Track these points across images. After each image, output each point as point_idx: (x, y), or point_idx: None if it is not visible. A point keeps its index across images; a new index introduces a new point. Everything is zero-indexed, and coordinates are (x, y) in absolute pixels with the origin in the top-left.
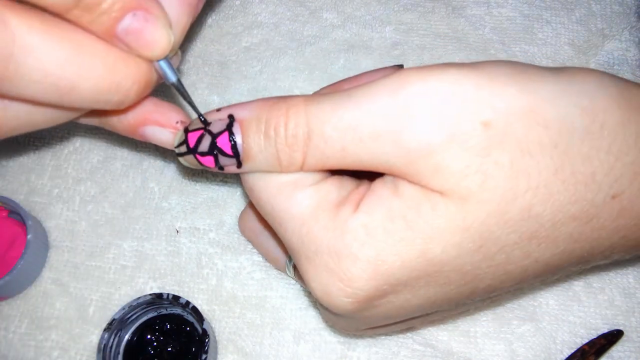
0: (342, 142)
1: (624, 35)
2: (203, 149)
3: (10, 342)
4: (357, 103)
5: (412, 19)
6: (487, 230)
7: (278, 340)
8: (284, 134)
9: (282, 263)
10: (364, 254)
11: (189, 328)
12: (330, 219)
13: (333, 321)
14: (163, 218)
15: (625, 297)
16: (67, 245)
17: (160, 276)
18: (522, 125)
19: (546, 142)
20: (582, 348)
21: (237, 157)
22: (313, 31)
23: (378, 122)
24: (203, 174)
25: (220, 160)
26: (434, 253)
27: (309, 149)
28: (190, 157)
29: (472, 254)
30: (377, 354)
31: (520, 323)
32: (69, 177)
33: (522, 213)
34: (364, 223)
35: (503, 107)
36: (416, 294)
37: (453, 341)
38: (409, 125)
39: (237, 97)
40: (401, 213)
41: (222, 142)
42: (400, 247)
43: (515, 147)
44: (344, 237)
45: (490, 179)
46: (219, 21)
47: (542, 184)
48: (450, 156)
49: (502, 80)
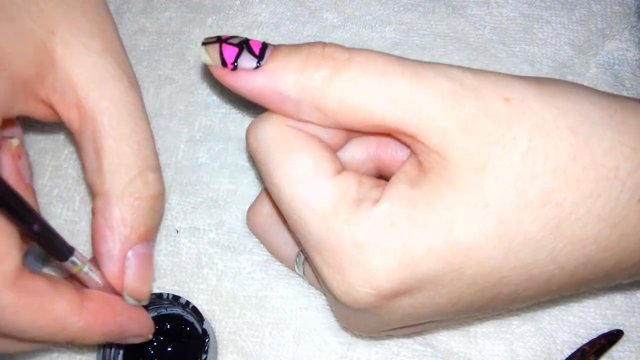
0: (380, 78)
1: (624, 35)
2: (232, 41)
3: None
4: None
5: (412, 19)
6: (506, 212)
7: (278, 340)
8: (322, 48)
9: (290, 260)
10: (390, 243)
11: (189, 328)
12: (352, 213)
13: (348, 320)
14: (163, 218)
15: (625, 297)
16: None
17: (160, 276)
18: (540, 106)
19: (564, 125)
20: (582, 348)
21: (260, 58)
22: (313, 31)
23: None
24: (203, 173)
25: (241, 58)
26: (458, 237)
27: (345, 68)
28: (214, 47)
29: (496, 244)
30: (377, 354)
31: (521, 323)
32: (69, 177)
33: (541, 197)
34: (387, 212)
35: (520, 87)
36: (440, 292)
37: (453, 341)
38: (439, 86)
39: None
40: (422, 197)
41: (254, 43)
42: (426, 233)
43: (534, 125)
44: (368, 228)
45: (508, 154)
46: (219, 21)
47: (560, 167)
48: (477, 121)
49: (513, 75)
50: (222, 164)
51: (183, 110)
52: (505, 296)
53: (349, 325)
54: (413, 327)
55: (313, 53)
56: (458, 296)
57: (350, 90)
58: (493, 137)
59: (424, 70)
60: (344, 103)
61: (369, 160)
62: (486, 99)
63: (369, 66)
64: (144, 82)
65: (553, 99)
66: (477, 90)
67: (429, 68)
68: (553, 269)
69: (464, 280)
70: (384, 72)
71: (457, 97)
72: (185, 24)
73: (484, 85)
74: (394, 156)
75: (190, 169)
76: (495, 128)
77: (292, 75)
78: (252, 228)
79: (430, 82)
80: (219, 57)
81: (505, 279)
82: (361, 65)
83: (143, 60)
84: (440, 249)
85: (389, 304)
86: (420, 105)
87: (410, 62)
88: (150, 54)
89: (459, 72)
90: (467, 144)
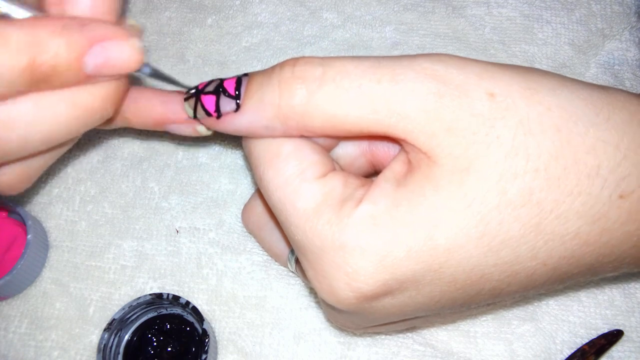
0: (358, 90)
1: (624, 35)
2: (209, 89)
3: (10, 342)
4: (385, 67)
5: (412, 19)
6: (488, 212)
7: (278, 340)
8: (291, 70)
9: (284, 258)
10: (370, 244)
11: (189, 328)
12: (335, 214)
13: (335, 318)
14: (163, 218)
15: (625, 297)
16: (67, 245)
17: (160, 276)
18: (525, 103)
19: (548, 123)
20: (582, 348)
21: (237, 97)
22: (313, 31)
23: (394, 82)
24: (203, 173)
25: (221, 103)
26: (438, 239)
27: (319, 87)
28: (193, 101)
29: (476, 244)
30: (377, 354)
31: (520, 323)
32: (69, 177)
33: (522, 196)
34: (369, 213)
35: (505, 81)
36: (421, 292)
37: (453, 341)
38: (422, 88)
39: None
40: (406, 197)
41: (228, 84)
42: (407, 234)
43: (517, 123)
44: (349, 230)
45: (491, 153)
46: (219, 21)
47: (542, 167)
48: (461, 120)
49: (501, 66)
50: (222, 164)
51: None
52: (488, 292)
53: (336, 322)
54: (400, 323)
55: (284, 78)
56: (440, 294)
57: (329, 108)
58: (477, 136)
59: (404, 72)
60: (326, 121)
61: (362, 155)
62: (470, 95)
63: (343, 79)
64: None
65: (539, 94)
66: (461, 86)
67: (409, 68)
68: (535, 265)
69: (445, 279)
70: (359, 83)
71: (440, 97)
72: (185, 24)
73: (468, 80)
74: (386, 152)
75: (190, 169)
76: (479, 127)
77: (270, 108)
78: (247, 226)
79: (412, 86)
80: (202, 109)
81: (487, 276)
82: (335, 81)
83: None
84: (421, 250)
85: (372, 304)
86: (403, 112)
87: (388, 65)
88: (150, 54)
89: (443, 67)
90: (452, 145)
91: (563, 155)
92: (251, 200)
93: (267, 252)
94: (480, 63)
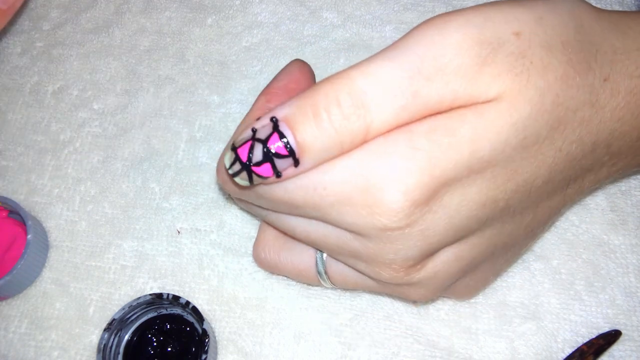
0: (411, 87)
1: None
2: (257, 159)
3: (10, 342)
4: (409, 49)
5: (412, 19)
6: (530, 124)
7: (278, 340)
8: (338, 109)
9: (312, 272)
10: (413, 164)
11: (189, 328)
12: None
13: (406, 280)
14: (164, 218)
15: (626, 296)
16: (67, 245)
17: (160, 276)
18: (540, 30)
19: (557, 40)
20: (581, 348)
21: (293, 155)
22: (313, 31)
23: (437, 59)
24: (203, 173)
25: (278, 165)
26: (482, 152)
27: (373, 110)
28: (246, 173)
29: (514, 148)
30: (378, 354)
31: (522, 321)
32: (69, 177)
33: (553, 103)
34: (405, 137)
35: (524, 18)
36: (467, 192)
37: (455, 337)
38: (462, 53)
39: (238, 96)
40: (442, 122)
41: (274, 145)
42: (450, 152)
43: (541, 47)
44: (387, 159)
45: (532, 77)
46: (219, 21)
47: (562, 73)
48: (501, 62)
49: (507, 5)
50: None
51: (183, 110)
52: (521, 186)
53: (413, 284)
54: (473, 276)
55: (335, 118)
56: (486, 194)
57: (395, 109)
58: (517, 69)
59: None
60: (397, 118)
61: None
62: (501, 37)
63: (387, 85)
64: (144, 82)
65: (544, 17)
66: (494, 32)
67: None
68: (554, 154)
69: (486, 177)
70: (409, 76)
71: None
72: (185, 24)
73: (497, 25)
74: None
75: (190, 169)
76: (517, 61)
77: (333, 153)
78: (263, 259)
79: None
80: (259, 177)
81: (519, 170)
82: (384, 90)
83: (143, 60)
84: (467, 161)
85: (423, 212)
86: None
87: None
88: (150, 54)
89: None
90: (502, 81)
91: (571, 60)
92: (260, 235)
93: (291, 274)
94: (497, 6)
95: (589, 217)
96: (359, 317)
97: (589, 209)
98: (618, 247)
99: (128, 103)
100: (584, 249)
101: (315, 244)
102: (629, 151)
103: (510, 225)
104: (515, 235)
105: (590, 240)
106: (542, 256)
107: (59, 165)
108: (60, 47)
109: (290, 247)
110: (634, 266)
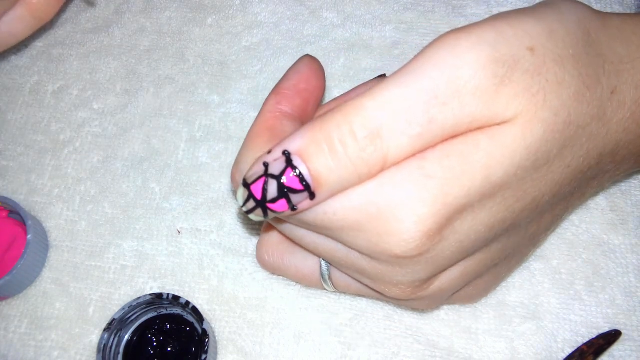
0: (427, 114)
1: None
2: (272, 195)
3: (10, 342)
4: (422, 73)
5: (412, 18)
6: (542, 145)
7: (278, 340)
8: (354, 140)
9: (316, 277)
10: (426, 193)
11: (189, 328)
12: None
13: (413, 288)
14: (164, 219)
15: (626, 296)
16: (67, 245)
17: (160, 276)
18: (552, 44)
19: (568, 53)
20: (581, 348)
21: (308, 189)
22: (313, 30)
23: (452, 82)
24: (203, 173)
25: (293, 200)
26: (495, 177)
27: (389, 140)
28: (260, 210)
29: (526, 170)
30: (378, 354)
31: (522, 321)
32: (69, 177)
33: (564, 122)
34: (418, 165)
35: (535, 32)
36: (478, 217)
37: (454, 337)
38: (478, 74)
39: (238, 96)
40: (456, 148)
41: (288, 180)
42: (463, 179)
43: (554, 63)
44: (400, 187)
45: (548, 95)
46: (219, 21)
47: (574, 89)
48: (518, 81)
49: (517, 18)
50: (222, 164)
51: (183, 110)
52: (530, 203)
53: (418, 299)
54: (480, 283)
55: (351, 150)
56: (495, 216)
57: (412, 137)
58: (534, 88)
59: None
60: (414, 146)
61: None
62: (517, 54)
63: (402, 113)
64: (144, 82)
65: (554, 30)
66: (508, 49)
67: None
68: (562, 170)
69: (497, 201)
70: (425, 100)
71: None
72: (185, 23)
73: (510, 42)
74: None
75: (190, 169)
76: (533, 79)
77: (350, 185)
78: (267, 262)
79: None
80: (274, 213)
81: (530, 190)
82: (399, 118)
83: (143, 60)
84: (480, 187)
85: (437, 241)
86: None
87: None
88: (150, 53)
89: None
90: (519, 101)
91: (580, 74)
92: (263, 236)
93: (294, 278)
94: (508, 21)
95: (589, 217)
96: (359, 317)
97: (589, 209)
98: (618, 247)
99: (128, 103)
100: (584, 249)
101: (322, 255)
102: (632, 157)
103: (515, 237)
104: (519, 245)
105: (590, 240)
106: (542, 256)
107: (59, 165)
108: (60, 47)
109: (295, 251)
110: (634, 266)
